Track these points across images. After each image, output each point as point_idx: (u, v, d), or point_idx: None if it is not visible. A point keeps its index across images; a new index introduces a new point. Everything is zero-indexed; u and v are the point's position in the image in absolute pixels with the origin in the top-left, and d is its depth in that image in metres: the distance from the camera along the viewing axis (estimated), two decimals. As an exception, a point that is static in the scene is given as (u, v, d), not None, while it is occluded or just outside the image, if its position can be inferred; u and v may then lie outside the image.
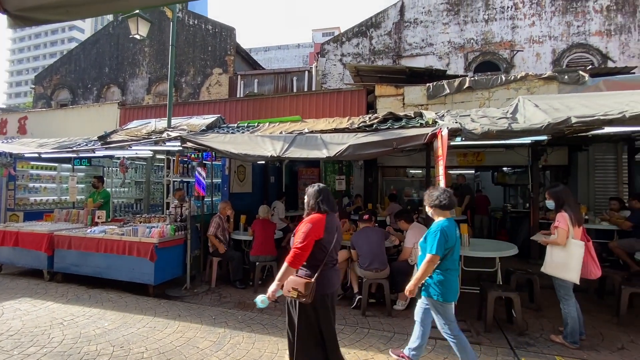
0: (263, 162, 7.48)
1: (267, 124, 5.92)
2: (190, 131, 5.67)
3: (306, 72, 11.81)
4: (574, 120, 3.29)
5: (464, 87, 6.54)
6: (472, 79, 6.67)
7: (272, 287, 2.35)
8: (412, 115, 5.01)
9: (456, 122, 4.08)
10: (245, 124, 6.03)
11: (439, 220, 2.71)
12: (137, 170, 8.54)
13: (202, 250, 5.22)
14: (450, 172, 8.40)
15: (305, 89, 11.20)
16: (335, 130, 4.82)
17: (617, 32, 9.27)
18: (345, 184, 7.13)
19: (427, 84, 6.85)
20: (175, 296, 4.66)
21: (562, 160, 7.20)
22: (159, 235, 4.56)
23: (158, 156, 7.82)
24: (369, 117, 5.38)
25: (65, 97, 14.55)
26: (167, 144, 5.01)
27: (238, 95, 11.46)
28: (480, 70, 10.04)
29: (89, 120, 9.80)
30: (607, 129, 3.89)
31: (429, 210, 2.83)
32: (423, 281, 2.66)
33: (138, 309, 4.15)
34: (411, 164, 8.21)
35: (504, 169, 8.77)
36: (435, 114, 4.98)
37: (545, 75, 6.30)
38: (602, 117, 3.24)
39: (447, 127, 3.52)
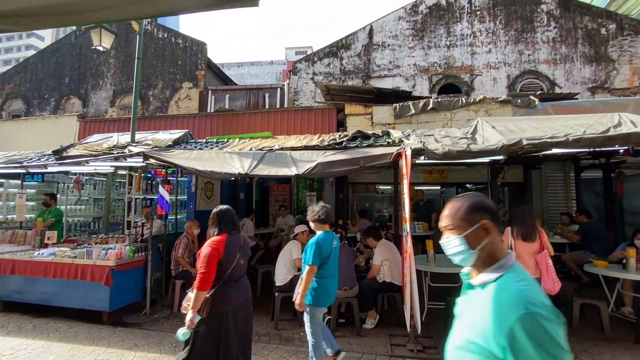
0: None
1: (237, 140, 5.85)
2: (156, 146, 5.48)
3: (278, 89, 11.90)
4: (524, 142, 3.54)
5: (428, 108, 6.87)
6: (436, 100, 7.03)
7: (189, 315, 2.33)
8: (380, 134, 5.18)
9: (420, 142, 4.26)
10: (215, 140, 5.92)
11: (318, 233, 3.01)
12: (96, 186, 8.04)
13: (164, 272, 4.95)
14: (419, 188, 8.68)
15: (278, 106, 11.25)
16: (306, 148, 4.85)
17: (562, 61, 10.23)
18: (316, 200, 7.13)
19: (394, 104, 7.12)
20: (133, 323, 4.35)
21: (518, 178, 7.68)
22: (116, 258, 4.27)
23: (120, 171, 7.43)
24: (339, 135, 5.49)
25: (19, 107, 13.59)
26: (129, 159, 4.78)
27: (208, 110, 11.28)
28: (443, 91, 10.62)
29: (44, 133, 9.18)
30: (555, 150, 4.22)
31: (311, 225, 3.14)
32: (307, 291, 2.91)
33: (89, 339, 3.82)
34: (381, 181, 8.39)
35: (467, 185, 9.20)
36: (402, 133, 5.18)
37: (500, 99, 6.77)
38: (548, 140, 3.52)
39: (411, 147, 3.66)
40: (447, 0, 10.81)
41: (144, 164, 4.96)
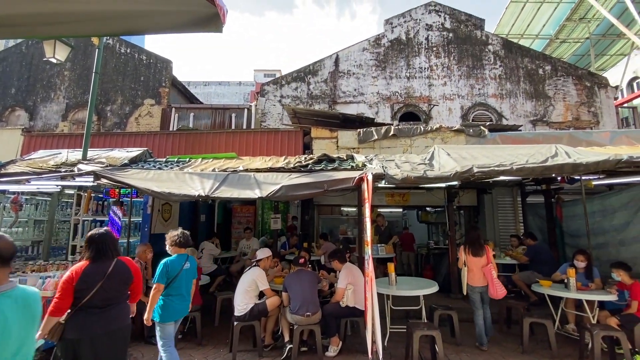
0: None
1: (200, 160, 5.69)
2: (110, 165, 5.17)
3: (246, 110, 11.88)
4: (475, 170, 3.81)
5: (390, 134, 7.20)
6: (397, 127, 7.40)
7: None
8: (345, 158, 5.30)
9: (382, 167, 4.42)
10: (175, 159, 5.71)
11: (172, 255, 3.36)
12: (38, 206, 7.32)
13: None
14: (382, 210, 8.89)
15: (245, 127, 11.19)
16: (271, 170, 4.83)
17: (508, 96, 11.32)
18: (280, 222, 7.04)
19: (358, 130, 7.39)
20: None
21: (472, 201, 8.17)
22: (55, 288, 3.86)
23: (68, 191, 6.86)
24: (305, 157, 5.54)
25: (-48, 118, 12.25)
26: (78, 179, 4.45)
27: (171, 129, 10.93)
28: (404, 119, 11.23)
29: (-20, 146, 8.31)
30: (502, 177, 4.58)
31: (169, 248, 3.44)
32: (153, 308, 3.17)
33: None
34: (345, 203, 8.51)
35: (427, 208, 9.61)
36: (365, 157, 5.36)
37: (455, 128, 7.29)
38: (496, 168, 3.82)
39: (372, 172, 3.78)
40: (407, 35, 11.66)
41: (95, 184, 4.63)
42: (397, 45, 11.60)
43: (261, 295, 4.25)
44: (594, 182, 5.58)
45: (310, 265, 4.87)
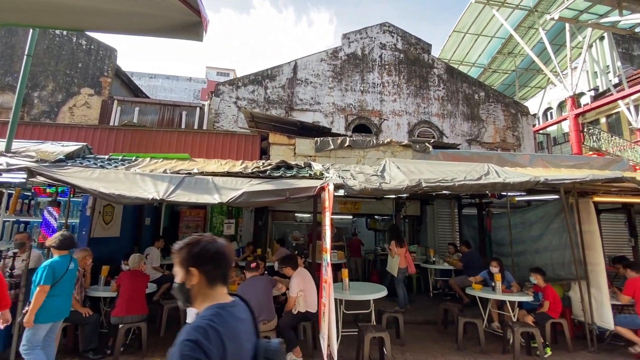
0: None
1: (149, 159, 5.37)
2: (42, 160, 4.64)
3: (198, 108, 11.40)
4: (423, 184, 4.21)
5: (345, 145, 7.52)
6: (352, 139, 7.76)
7: None
8: (303, 165, 5.43)
9: (339, 177, 4.63)
10: (120, 157, 5.31)
11: (55, 256, 3.42)
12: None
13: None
14: (334, 217, 9.17)
15: (196, 126, 10.73)
16: (228, 174, 4.75)
17: (448, 116, 12.49)
18: (234, 227, 6.89)
19: (316, 138, 7.58)
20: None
21: (417, 212, 8.85)
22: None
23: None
24: (263, 163, 5.54)
25: None
26: (5, 175, 3.92)
27: (112, 123, 10.06)
28: (357, 130, 11.75)
29: None
30: (444, 191, 5.09)
31: (52, 251, 3.50)
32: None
33: None
34: (300, 209, 8.63)
35: (376, 216, 10.13)
36: (322, 166, 5.54)
37: (403, 143, 7.86)
38: (440, 184, 4.26)
39: (333, 183, 3.96)
40: (362, 51, 12.27)
41: (24, 181, 4.12)
42: (353, 60, 12.14)
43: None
44: (517, 198, 6.45)
45: (266, 271, 4.85)
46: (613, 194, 5.30)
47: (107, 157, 5.38)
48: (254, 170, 4.98)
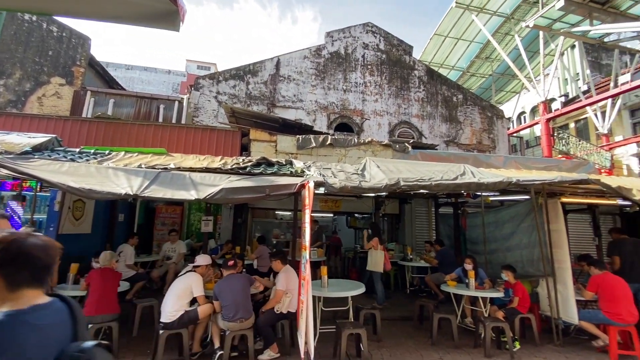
0: (111, 196, 6.34)
1: (123, 153, 5.18)
2: (6, 151, 4.40)
3: (176, 102, 11.08)
4: (402, 183, 4.28)
5: (327, 143, 7.54)
6: (333, 137, 7.79)
7: None
8: (284, 163, 5.40)
9: (320, 174, 4.64)
10: (92, 150, 5.10)
11: None
12: None
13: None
14: (315, 214, 9.17)
15: (174, 120, 10.43)
16: (207, 170, 4.66)
17: (427, 117, 12.76)
18: (212, 225, 6.76)
19: (297, 136, 7.56)
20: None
21: (395, 210, 9.00)
22: None
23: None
24: (243, 159, 5.47)
25: None
26: (-37, 166, 3.67)
27: (84, 115, 9.62)
28: (339, 129, 11.80)
29: None
30: (422, 190, 5.20)
31: None
32: None
33: None
34: (280, 207, 8.56)
35: (356, 214, 10.22)
36: (304, 163, 5.52)
37: (384, 143, 7.97)
38: (418, 183, 4.35)
39: (314, 180, 3.96)
40: (345, 50, 12.32)
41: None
42: (336, 58, 12.16)
43: (192, 301, 4.06)
44: (491, 198, 6.68)
45: (244, 269, 4.80)
46: (579, 195, 5.59)
47: (78, 150, 5.15)
48: (234, 166, 4.91)
